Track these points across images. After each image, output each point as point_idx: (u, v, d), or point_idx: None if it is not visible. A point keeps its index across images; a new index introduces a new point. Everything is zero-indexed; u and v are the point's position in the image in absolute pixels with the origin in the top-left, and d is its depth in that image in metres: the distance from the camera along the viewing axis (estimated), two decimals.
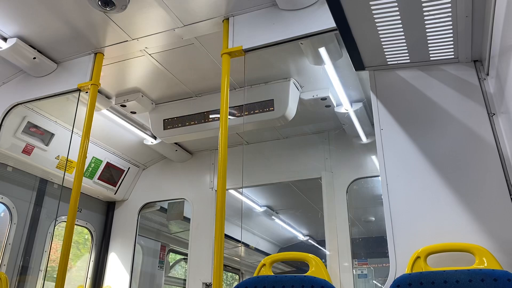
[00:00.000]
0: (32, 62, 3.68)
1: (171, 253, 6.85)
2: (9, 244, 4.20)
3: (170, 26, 3.35)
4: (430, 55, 2.59)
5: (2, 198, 4.21)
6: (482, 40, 2.42)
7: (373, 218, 6.50)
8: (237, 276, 8.59)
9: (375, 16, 2.22)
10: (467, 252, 2.17)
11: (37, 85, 3.84)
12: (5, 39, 3.49)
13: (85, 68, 3.67)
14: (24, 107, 4.05)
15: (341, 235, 4.49)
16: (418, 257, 2.21)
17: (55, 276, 3.20)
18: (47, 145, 4.39)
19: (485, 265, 2.07)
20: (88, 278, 5.14)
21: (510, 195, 2.24)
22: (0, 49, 3.48)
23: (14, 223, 4.28)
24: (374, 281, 5.51)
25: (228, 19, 3.28)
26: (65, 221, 3.74)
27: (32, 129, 4.24)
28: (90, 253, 5.24)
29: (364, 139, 4.74)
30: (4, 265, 4.11)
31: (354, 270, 4.48)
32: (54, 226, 4.70)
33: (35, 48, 3.64)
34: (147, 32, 3.43)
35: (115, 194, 5.36)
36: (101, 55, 3.69)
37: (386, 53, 2.59)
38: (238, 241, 7.16)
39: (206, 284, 4.77)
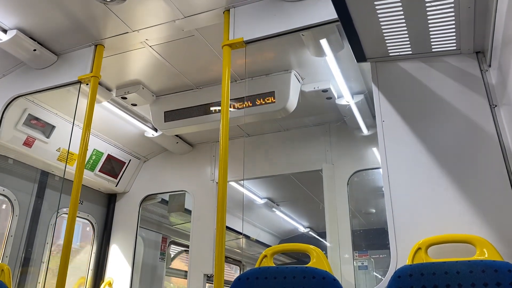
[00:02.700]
0: (32, 54, 3.67)
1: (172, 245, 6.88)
2: (11, 236, 4.21)
3: (171, 18, 3.33)
4: (432, 47, 2.58)
5: (3, 190, 4.22)
6: (484, 31, 2.41)
7: (374, 210, 6.51)
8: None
9: (377, 7, 2.21)
10: (468, 243, 2.18)
11: (37, 77, 3.83)
12: (5, 31, 3.48)
13: (86, 60, 3.66)
14: (24, 99, 4.04)
15: (342, 227, 4.50)
16: (419, 248, 2.22)
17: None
18: (48, 137, 4.38)
19: (486, 256, 2.08)
20: (90, 270, 5.16)
21: (511, 186, 2.25)
22: (0, 41, 3.47)
23: (16, 215, 4.29)
24: (374, 273, 5.54)
25: (228, 10, 3.26)
26: (66, 213, 3.75)
27: (33, 122, 4.24)
28: (92, 245, 5.26)
29: (365, 131, 4.74)
30: (6, 256, 4.13)
31: (354, 262, 4.50)
32: (56, 218, 4.72)
33: (35, 40, 3.63)
34: (148, 23, 3.41)
35: (116, 186, 5.37)
36: (101, 47, 3.68)
37: (388, 44, 2.59)
38: (239, 233, 7.18)
39: (208, 276, 4.80)
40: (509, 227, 2.20)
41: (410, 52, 2.66)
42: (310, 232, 8.84)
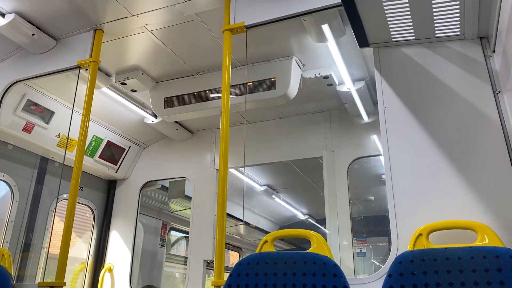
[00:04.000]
0: (30, 39, 3.63)
1: (172, 231, 6.91)
2: (11, 221, 4.22)
3: (171, 2, 3.28)
4: (436, 32, 2.56)
5: (3, 176, 4.21)
6: (489, 16, 2.38)
7: (373, 198, 6.52)
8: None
9: None
10: (469, 230, 2.18)
11: (36, 62, 3.79)
12: (3, 15, 3.43)
13: (85, 45, 3.62)
14: (23, 85, 4.01)
15: (341, 214, 4.51)
16: (420, 235, 2.22)
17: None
18: (47, 123, 4.36)
19: (487, 242, 2.08)
20: (90, 256, 5.19)
21: None
22: None
23: (16, 201, 4.29)
24: (373, 260, 5.57)
25: None
26: (66, 199, 3.75)
27: (32, 107, 4.21)
28: (92, 231, 5.28)
29: (365, 118, 4.72)
30: (7, 242, 4.14)
31: (353, 249, 4.52)
32: (56, 204, 4.72)
33: (33, 24, 3.58)
34: (147, 8, 3.37)
35: (116, 172, 5.36)
36: (100, 31, 3.64)
37: (391, 29, 2.56)
38: (239, 220, 7.22)
39: (207, 262, 4.82)
40: (510, 213, 2.20)
41: (413, 37, 2.63)
42: (309, 219, 8.88)
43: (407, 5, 2.31)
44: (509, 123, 2.33)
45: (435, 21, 2.45)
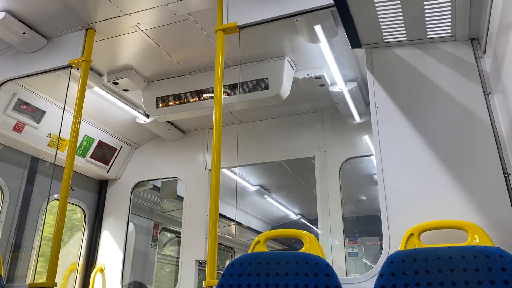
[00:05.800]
0: (21, 38, 3.60)
1: (164, 231, 6.88)
2: (1, 222, 4.18)
3: (163, 1, 3.28)
4: (427, 33, 2.58)
5: None
6: (480, 18, 2.40)
7: (364, 198, 6.55)
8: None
9: None
10: (460, 229, 2.20)
11: (27, 61, 3.76)
12: None
13: (76, 44, 3.60)
14: (14, 84, 3.97)
15: (333, 214, 4.52)
16: (411, 234, 2.23)
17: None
18: (38, 122, 4.33)
19: (477, 241, 2.10)
20: (81, 256, 5.15)
21: (504, 173, 2.27)
22: None
23: (6, 201, 4.25)
24: (364, 259, 5.60)
25: None
26: (57, 200, 3.72)
27: (23, 106, 4.17)
28: (83, 232, 5.24)
29: (357, 118, 4.74)
30: None
31: (345, 249, 4.53)
32: (47, 204, 4.68)
33: (24, 23, 3.55)
34: (140, 7, 3.36)
35: (107, 172, 5.33)
36: (92, 30, 3.62)
37: (383, 30, 2.57)
38: (231, 220, 7.20)
39: (199, 262, 4.81)
40: (500, 213, 2.22)
41: (405, 38, 2.65)
42: (301, 219, 8.89)
43: (399, 6, 2.32)
44: (499, 124, 2.35)
45: (426, 22, 2.47)
